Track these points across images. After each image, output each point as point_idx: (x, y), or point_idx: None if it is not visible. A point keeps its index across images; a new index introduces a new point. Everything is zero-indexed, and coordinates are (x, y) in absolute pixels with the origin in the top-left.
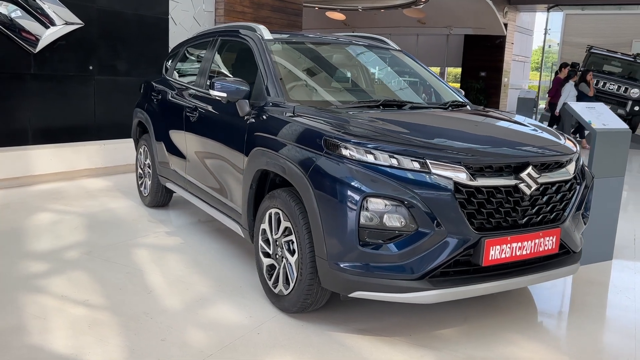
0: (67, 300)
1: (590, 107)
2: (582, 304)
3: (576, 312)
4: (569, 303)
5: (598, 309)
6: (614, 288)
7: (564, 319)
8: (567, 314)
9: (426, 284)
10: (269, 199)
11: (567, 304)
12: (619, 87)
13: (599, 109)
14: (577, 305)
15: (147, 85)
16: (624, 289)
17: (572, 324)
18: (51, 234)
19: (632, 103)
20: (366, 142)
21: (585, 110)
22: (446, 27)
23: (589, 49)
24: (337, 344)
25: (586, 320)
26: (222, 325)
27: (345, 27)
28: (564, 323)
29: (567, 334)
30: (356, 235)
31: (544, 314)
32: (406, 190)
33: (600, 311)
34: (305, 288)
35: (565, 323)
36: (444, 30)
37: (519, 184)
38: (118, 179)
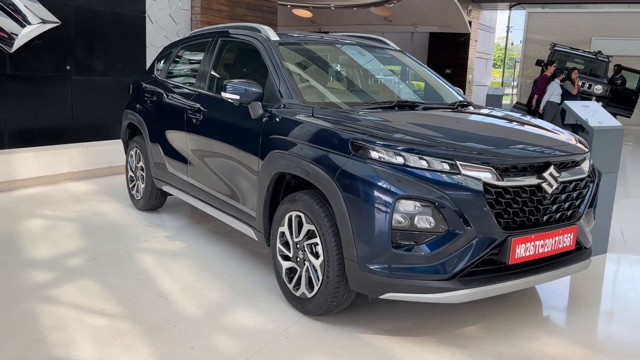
0: (82, 309)
1: (585, 105)
2: (587, 297)
3: (584, 306)
4: (576, 297)
5: (604, 301)
6: (614, 280)
7: (574, 312)
8: (576, 308)
9: (457, 284)
10: (288, 202)
11: (574, 298)
12: (583, 84)
13: (593, 108)
14: (583, 298)
15: (136, 86)
16: (624, 280)
17: (584, 317)
18: (47, 241)
19: (596, 99)
20: (395, 144)
21: (581, 109)
22: (412, 25)
23: (553, 46)
24: (367, 345)
25: (596, 313)
26: (248, 330)
27: (312, 25)
28: (575, 317)
29: (582, 327)
30: (388, 237)
31: (554, 308)
32: (437, 192)
33: (607, 303)
34: (332, 291)
35: (576, 317)
36: (410, 28)
37: (541, 183)
38: (102, 182)
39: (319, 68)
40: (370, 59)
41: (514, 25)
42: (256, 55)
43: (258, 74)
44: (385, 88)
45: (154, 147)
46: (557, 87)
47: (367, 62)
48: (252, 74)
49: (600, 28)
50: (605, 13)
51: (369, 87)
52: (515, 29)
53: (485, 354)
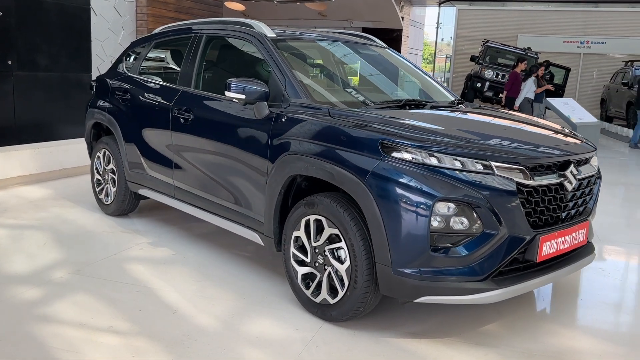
0: (88, 328)
1: (564, 102)
2: (584, 289)
3: (585, 297)
4: (571, 289)
5: (601, 292)
6: (602, 271)
7: (578, 305)
8: (578, 300)
9: (491, 284)
10: (305, 205)
11: (570, 290)
12: None
13: (572, 105)
14: (579, 290)
15: (101, 83)
16: (612, 271)
17: (589, 309)
18: (20, 253)
19: None
20: (429, 145)
21: (562, 106)
22: (347, 20)
23: (485, 42)
24: (400, 350)
25: (598, 304)
26: (273, 341)
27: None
28: (582, 309)
29: (592, 319)
30: (427, 240)
31: (558, 301)
32: (474, 193)
33: (603, 294)
34: (360, 296)
35: (583, 309)
36: (344, 23)
37: (563, 181)
38: (57, 186)
39: (319, 66)
40: (366, 56)
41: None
42: (250, 52)
43: (254, 72)
44: (386, 86)
45: (129, 148)
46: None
47: (365, 60)
48: (248, 72)
49: (526, 25)
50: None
51: (371, 85)
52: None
53: (516, 352)
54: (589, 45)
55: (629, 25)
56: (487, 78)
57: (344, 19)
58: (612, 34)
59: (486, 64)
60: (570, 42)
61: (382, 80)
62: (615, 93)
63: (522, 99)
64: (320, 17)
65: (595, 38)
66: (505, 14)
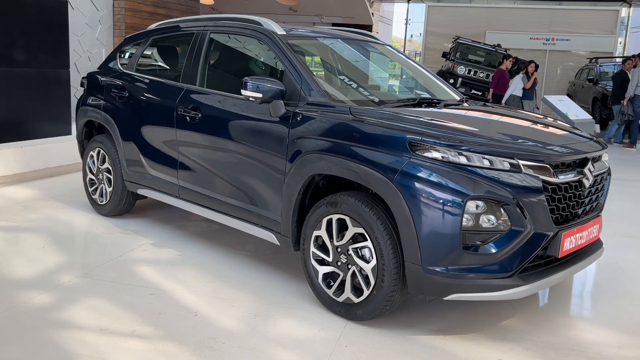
0: (111, 333)
1: (560, 100)
2: (588, 282)
3: (597, 291)
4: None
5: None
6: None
7: (586, 297)
8: (585, 292)
9: (518, 280)
10: (327, 204)
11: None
12: (487, 75)
13: (567, 102)
14: (583, 282)
15: (93, 80)
16: (610, 265)
17: (598, 301)
18: (21, 256)
19: None
20: (457, 143)
21: (559, 103)
22: (317, 15)
23: (456, 39)
24: (428, 347)
25: (605, 296)
26: (301, 341)
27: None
28: (592, 301)
29: (604, 311)
30: (459, 239)
31: (568, 295)
32: (503, 191)
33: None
34: (386, 294)
35: (593, 301)
36: (315, 18)
37: (582, 178)
38: (43, 186)
39: (330, 63)
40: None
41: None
42: (257, 50)
43: (262, 69)
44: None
45: (128, 147)
46: (520, 82)
47: (372, 58)
48: (256, 69)
49: (494, 22)
50: (498, 8)
51: (381, 83)
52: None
53: (538, 346)
54: (554, 42)
55: (591, 23)
56: (459, 74)
57: (314, 15)
58: (575, 31)
59: (457, 60)
60: (536, 39)
61: (393, 78)
62: (581, 89)
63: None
64: (290, 13)
65: (560, 35)
66: (474, 10)
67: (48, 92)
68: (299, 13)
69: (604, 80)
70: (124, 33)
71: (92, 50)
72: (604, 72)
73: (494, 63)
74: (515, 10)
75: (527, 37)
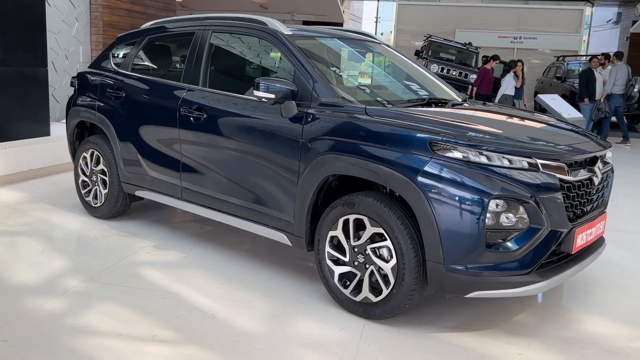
0: (131, 338)
1: (552, 99)
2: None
3: (597, 285)
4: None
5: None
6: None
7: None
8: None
9: (536, 277)
10: (344, 205)
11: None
12: (460, 73)
13: (559, 101)
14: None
15: (85, 80)
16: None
17: (601, 295)
18: (21, 262)
19: (472, 87)
20: (478, 143)
21: (553, 102)
22: (288, 13)
23: (428, 37)
24: (449, 344)
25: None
26: (324, 342)
27: (182, 10)
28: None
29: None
30: (482, 237)
31: (572, 290)
32: (523, 189)
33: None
34: (407, 293)
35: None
36: (286, 16)
37: (592, 176)
38: (28, 188)
39: (338, 64)
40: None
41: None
42: (262, 50)
43: (268, 69)
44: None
45: (125, 148)
46: (511, 81)
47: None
48: (262, 69)
49: (463, 20)
50: (467, 7)
51: (388, 83)
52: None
53: (554, 340)
54: (522, 41)
55: (557, 22)
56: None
57: (285, 12)
58: (542, 30)
59: (430, 58)
60: (505, 37)
61: (396, 78)
62: (549, 86)
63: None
64: (261, 10)
65: (527, 34)
66: (444, 9)
67: (25, 91)
68: (270, 10)
69: (571, 78)
70: (101, 31)
71: (70, 48)
72: (571, 70)
73: (465, 61)
74: (484, 9)
75: (495, 36)
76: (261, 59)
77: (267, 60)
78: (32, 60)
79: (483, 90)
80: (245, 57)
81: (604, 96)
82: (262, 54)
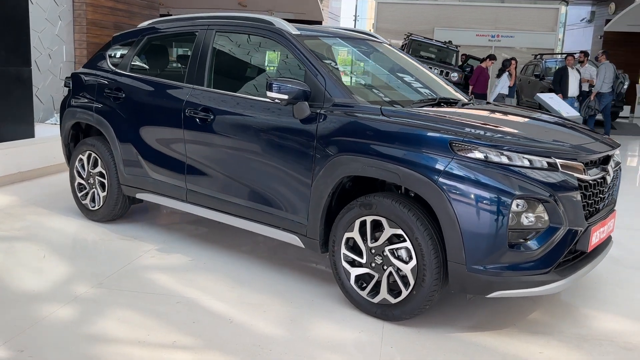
0: (151, 345)
1: (550, 97)
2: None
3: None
4: None
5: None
6: None
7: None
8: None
9: (555, 275)
10: (361, 206)
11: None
12: (441, 72)
13: (556, 100)
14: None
15: (79, 80)
16: None
17: (609, 291)
18: (23, 268)
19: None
20: (499, 144)
21: (551, 101)
22: (267, 11)
23: (409, 35)
24: (471, 344)
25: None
26: (346, 344)
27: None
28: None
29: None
30: (505, 238)
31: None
32: (544, 189)
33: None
34: (427, 294)
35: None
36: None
37: (605, 175)
38: (18, 191)
39: (347, 64)
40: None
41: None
42: (268, 50)
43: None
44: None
45: (125, 150)
46: (507, 80)
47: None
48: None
49: (442, 19)
50: (446, 5)
51: (396, 83)
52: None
53: (570, 338)
54: (499, 39)
55: (534, 20)
56: None
57: (264, 10)
58: (519, 28)
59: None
60: (482, 36)
61: (401, 78)
62: (527, 84)
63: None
64: (239, 8)
65: (505, 32)
66: (423, 7)
67: (9, 91)
68: (249, 8)
69: (549, 76)
70: (85, 29)
71: (53, 47)
72: (549, 68)
73: (445, 59)
74: (462, 8)
75: (473, 34)
76: (267, 59)
77: (273, 60)
78: (16, 60)
79: (479, 89)
80: (250, 57)
81: (594, 94)
82: (268, 54)
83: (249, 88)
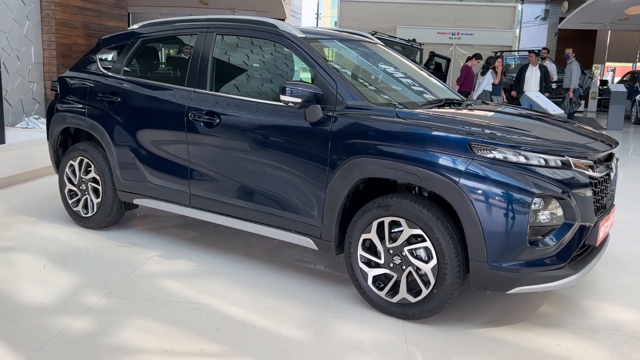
0: (179, 354)
1: (537, 96)
2: None
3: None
4: None
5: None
6: None
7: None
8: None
9: (569, 270)
10: (378, 207)
11: None
12: None
13: (542, 98)
14: None
15: (68, 84)
16: None
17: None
18: (25, 279)
19: None
20: (516, 144)
21: (538, 99)
22: (230, 9)
23: (374, 34)
24: (492, 340)
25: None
26: (372, 345)
27: None
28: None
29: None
30: (526, 235)
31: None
32: (560, 187)
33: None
34: (448, 292)
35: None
36: (227, 12)
37: (609, 172)
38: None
39: (353, 65)
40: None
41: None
42: (273, 52)
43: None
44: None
45: (122, 155)
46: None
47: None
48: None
49: (404, 17)
50: (407, 4)
51: (399, 84)
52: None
53: (583, 329)
54: (460, 37)
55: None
56: None
57: (226, 8)
58: (478, 26)
59: None
60: (443, 34)
61: (400, 80)
62: None
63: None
64: (201, 5)
65: (465, 30)
66: (385, 5)
67: None
68: (210, 6)
69: (510, 73)
70: (54, 29)
71: (21, 48)
72: (509, 65)
73: (410, 57)
74: (423, 6)
75: (434, 32)
76: (273, 62)
77: (277, 63)
78: None
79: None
80: (253, 60)
81: (572, 90)
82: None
83: (254, 91)
